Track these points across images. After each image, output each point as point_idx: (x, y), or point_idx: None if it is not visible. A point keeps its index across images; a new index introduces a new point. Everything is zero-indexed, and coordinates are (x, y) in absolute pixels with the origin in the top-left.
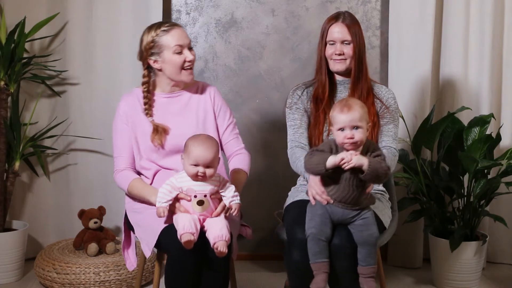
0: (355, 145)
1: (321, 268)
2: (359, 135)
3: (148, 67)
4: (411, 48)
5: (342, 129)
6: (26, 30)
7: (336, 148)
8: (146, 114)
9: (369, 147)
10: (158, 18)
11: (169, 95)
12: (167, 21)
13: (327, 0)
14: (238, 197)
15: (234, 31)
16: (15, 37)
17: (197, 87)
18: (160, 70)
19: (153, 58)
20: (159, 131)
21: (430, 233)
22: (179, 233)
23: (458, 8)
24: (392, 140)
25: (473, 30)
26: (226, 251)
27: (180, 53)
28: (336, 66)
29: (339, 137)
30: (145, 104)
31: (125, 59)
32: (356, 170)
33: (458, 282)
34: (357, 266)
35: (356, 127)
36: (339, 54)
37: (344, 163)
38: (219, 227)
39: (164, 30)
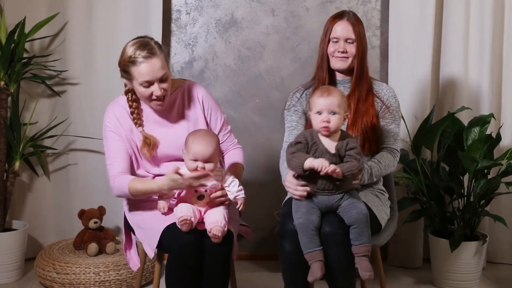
0: (329, 131)
1: (315, 257)
2: (335, 120)
3: None
4: (411, 48)
5: (319, 112)
6: (26, 30)
7: (311, 138)
8: (135, 124)
9: (345, 138)
10: (158, 18)
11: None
12: (147, 46)
13: (327, 0)
14: (243, 192)
15: (234, 31)
16: (15, 37)
17: (183, 91)
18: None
19: (124, 79)
20: (148, 143)
21: (430, 233)
22: (176, 217)
23: (458, 8)
24: (394, 141)
25: (473, 30)
26: (221, 235)
27: (148, 87)
28: (337, 64)
29: (316, 120)
30: (132, 113)
31: None
32: (333, 178)
33: (458, 282)
34: (351, 248)
35: (334, 113)
36: (342, 52)
37: (320, 169)
38: (215, 215)
39: (135, 60)
